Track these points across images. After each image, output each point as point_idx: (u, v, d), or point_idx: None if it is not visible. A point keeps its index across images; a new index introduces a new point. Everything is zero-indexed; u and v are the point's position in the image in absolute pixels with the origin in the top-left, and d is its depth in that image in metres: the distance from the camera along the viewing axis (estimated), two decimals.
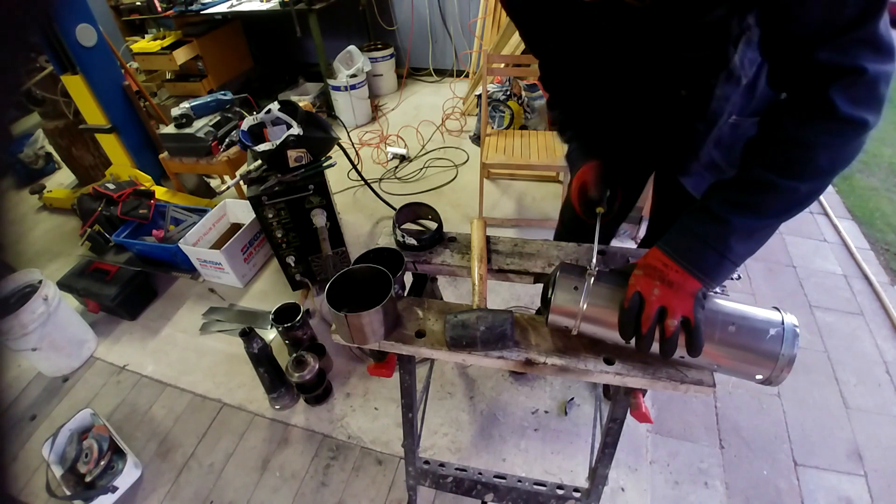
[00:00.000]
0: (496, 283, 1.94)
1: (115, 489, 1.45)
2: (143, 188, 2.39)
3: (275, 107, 1.76)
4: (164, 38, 3.56)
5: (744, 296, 1.96)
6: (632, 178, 1.17)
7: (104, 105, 2.37)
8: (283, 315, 1.71)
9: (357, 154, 2.96)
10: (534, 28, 0.93)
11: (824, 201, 2.52)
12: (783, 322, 0.67)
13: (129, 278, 2.10)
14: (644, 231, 1.54)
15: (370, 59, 3.56)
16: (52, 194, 2.93)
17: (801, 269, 2.13)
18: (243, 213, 2.34)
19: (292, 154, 1.68)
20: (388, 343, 0.83)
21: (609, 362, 0.77)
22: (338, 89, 3.38)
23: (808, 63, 0.58)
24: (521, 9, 0.90)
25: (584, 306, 0.72)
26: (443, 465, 1.22)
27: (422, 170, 2.97)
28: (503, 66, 2.45)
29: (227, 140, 2.27)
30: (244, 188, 1.94)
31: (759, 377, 0.69)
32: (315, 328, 1.85)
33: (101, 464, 1.48)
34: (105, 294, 2.02)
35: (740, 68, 0.76)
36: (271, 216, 1.79)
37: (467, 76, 3.89)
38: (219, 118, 2.33)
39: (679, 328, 0.66)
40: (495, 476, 1.17)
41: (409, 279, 1.05)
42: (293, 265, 1.94)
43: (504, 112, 2.84)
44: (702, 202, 0.69)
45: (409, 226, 1.09)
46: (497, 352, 0.79)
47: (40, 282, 1.77)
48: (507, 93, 2.84)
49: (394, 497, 1.44)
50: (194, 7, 3.50)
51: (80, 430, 1.57)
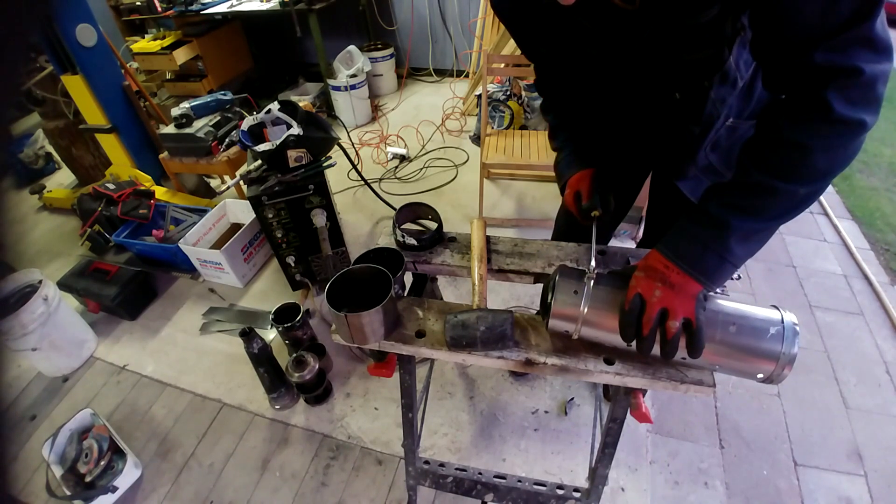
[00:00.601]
0: (496, 283, 1.94)
1: (115, 489, 1.45)
2: (143, 188, 2.39)
3: (275, 107, 1.76)
4: (164, 38, 3.56)
5: (744, 296, 1.96)
6: (628, 179, 1.16)
7: (104, 105, 2.37)
8: (283, 315, 1.71)
9: (357, 154, 2.96)
10: (525, 33, 0.93)
11: (824, 201, 2.52)
12: (783, 321, 0.67)
13: (129, 278, 2.10)
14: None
15: (370, 59, 3.56)
16: (52, 194, 2.93)
17: (801, 269, 2.13)
18: (243, 213, 2.34)
19: (292, 154, 1.68)
20: (388, 343, 0.83)
21: (609, 362, 0.77)
22: (338, 89, 3.38)
23: (804, 64, 0.57)
24: (511, 14, 0.89)
25: (585, 310, 0.71)
26: (443, 465, 1.22)
27: (422, 170, 2.97)
28: (503, 66, 2.45)
29: (227, 140, 2.27)
30: (244, 188, 1.94)
31: (760, 376, 0.69)
32: (315, 328, 1.85)
33: (101, 464, 1.48)
34: (105, 294, 2.02)
35: (735, 70, 0.76)
36: (271, 216, 1.79)
37: (467, 76, 3.89)
38: (219, 118, 2.33)
39: (680, 330, 0.66)
40: (495, 476, 1.17)
41: (409, 279, 1.05)
42: (293, 265, 1.94)
43: (504, 112, 2.84)
44: (701, 205, 0.69)
45: (409, 226, 1.09)
46: (497, 352, 0.79)
47: (40, 282, 1.77)
48: (507, 93, 2.84)
49: (394, 497, 1.44)
50: (194, 7, 3.50)
51: (80, 430, 1.57)
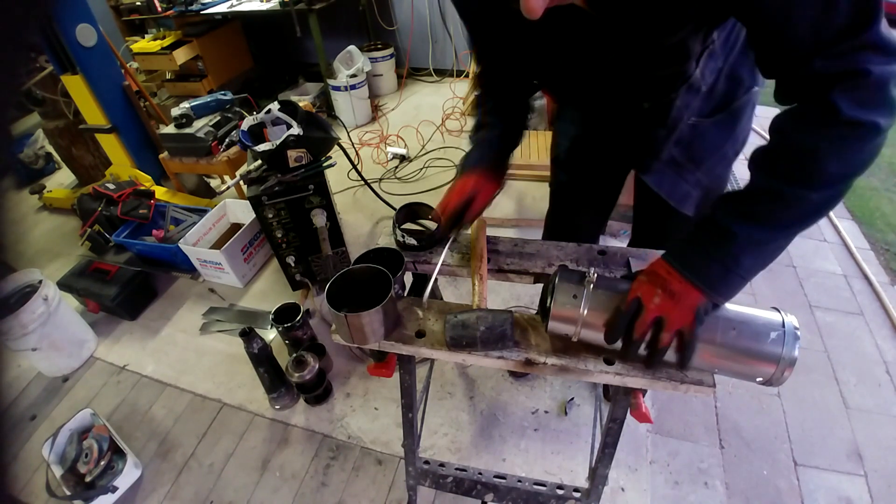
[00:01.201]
0: (496, 283, 1.94)
1: (115, 489, 1.45)
2: (143, 188, 2.39)
3: (275, 107, 1.76)
4: (164, 38, 3.56)
5: (744, 296, 1.95)
6: (602, 178, 1.16)
7: (104, 105, 2.37)
8: (283, 315, 1.71)
9: (357, 154, 2.96)
10: (490, 37, 0.90)
11: None
12: (784, 324, 0.67)
13: (129, 278, 2.10)
14: None
15: (370, 59, 3.55)
16: (52, 194, 2.93)
17: (801, 269, 2.13)
18: (243, 213, 2.33)
19: (292, 154, 1.68)
20: (388, 343, 0.83)
21: (609, 362, 0.77)
22: (338, 89, 3.38)
23: (805, 73, 0.56)
24: (476, 17, 0.87)
25: (585, 313, 0.71)
26: (443, 465, 1.22)
27: (422, 170, 2.97)
28: None
29: (227, 140, 2.27)
30: (244, 188, 1.94)
31: (759, 379, 0.69)
32: (315, 328, 1.85)
33: (101, 464, 1.48)
34: (105, 294, 2.02)
35: (701, 79, 0.78)
36: (271, 216, 1.79)
37: (467, 76, 3.89)
38: (219, 118, 2.32)
39: (672, 341, 0.65)
40: (495, 476, 1.17)
41: (409, 279, 1.05)
42: (293, 265, 1.94)
43: None
44: (709, 213, 0.67)
45: (409, 226, 1.09)
46: (497, 352, 0.79)
47: (40, 282, 1.77)
48: None
49: (394, 497, 1.44)
50: (194, 7, 3.50)
51: (80, 430, 1.57)
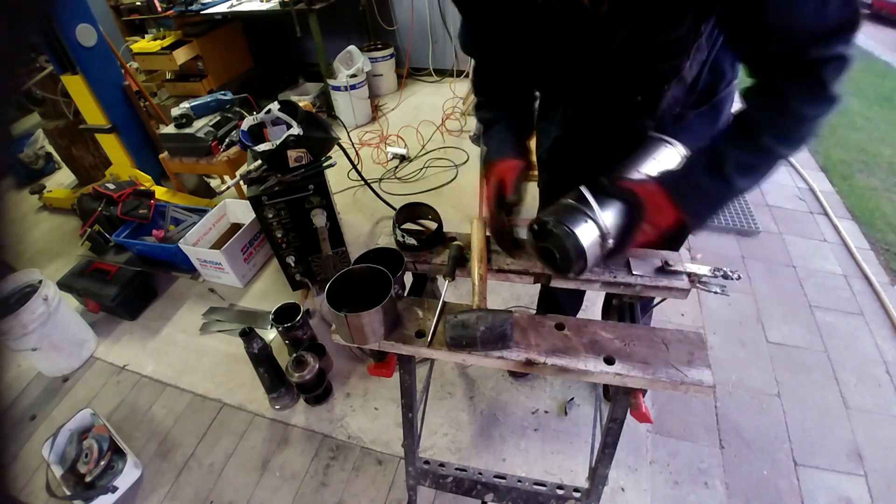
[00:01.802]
0: (496, 283, 1.94)
1: (115, 489, 1.45)
2: (143, 188, 2.39)
3: (275, 107, 1.76)
4: (164, 38, 3.56)
5: (744, 296, 1.96)
6: (589, 176, 1.16)
7: (104, 105, 2.37)
8: (283, 315, 1.71)
9: (357, 154, 2.96)
10: (488, 27, 0.90)
11: (824, 201, 2.52)
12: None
13: (129, 278, 2.10)
14: None
15: (370, 59, 3.55)
16: (52, 194, 2.93)
17: (801, 269, 2.13)
18: (243, 213, 2.34)
19: (292, 154, 1.68)
20: (388, 343, 0.83)
21: (609, 362, 0.77)
22: (338, 89, 3.38)
23: (803, 57, 0.64)
24: (476, 6, 0.87)
25: (608, 220, 0.74)
26: (443, 465, 1.22)
27: (422, 170, 2.97)
28: None
29: (227, 140, 2.27)
30: (244, 188, 1.94)
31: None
32: (315, 328, 1.85)
33: (101, 464, 1.48)
34: (105, 294, 2.02)
35: (689, 71, 0.81)
36: (271, 216, 1.79)
37: (467, 76, 3.89)
38: (219, 118, 2.32)
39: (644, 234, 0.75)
40: (495, 476, 1.17)
41: (409, 279, 1.05)
42: (293, 265, 1.94)
43: None
44: (714, 161, 0.73)
45: (409, 226, 1.09)
46: (497, 352, 0.79)
47: (40, 282, 1.77)
48: None
49: (394, 497, 1.44)
50: (194, 7, 3.50)
51: (80, 430, 1.57)
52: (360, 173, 2.40)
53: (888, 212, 2.48)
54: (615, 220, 0.76)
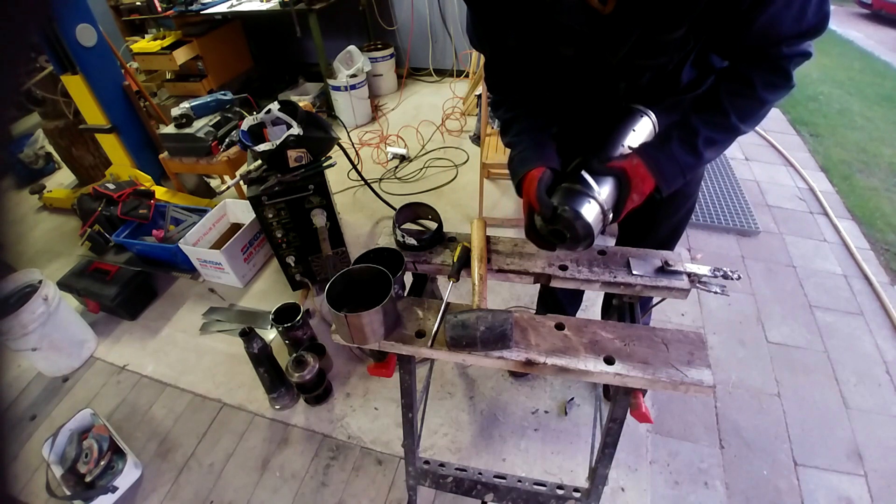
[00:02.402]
0: (496, 283, 1.94)
1: (115, 489, 1.45)
2: (143, 188, 2.39)
3: (275, 107, 1.76)
4: (164, 38, 3.56)
5: (744, 296, 1.96)
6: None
7: (104, 105, 2.38)
8: (283, 315, 1.71)
9: (357, 154, 2.96)
10: (497, 23, 0.90)
11: (824, 201, 2.52)
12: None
13: (129, 278, 2.10)
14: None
15: (370, 59, 3.56)
16: (52, 194, 2.93)
17: (801, 269, 2.13)
18: (243, 213, 2.34)
19: (292, 154, 1.68)
20: (388, 343, 0.83)
21: (609, 362, 0.77)
22: (338, 89, 3.38)
23: (775, 54, 0.75)
24: (486, 2, 0.87)
25: (604, 195, 0.81)
26: (443, 465, 1.22)
27: (422, 170, 2.97)
28: None
29: (227, 140, 2.27)
30: (244, 188, 1.94)
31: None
32: (315, 328, 1.85)
33: (101, 464, 1.48)
34: (105, 294, 2.02)
35: (671, 63, 0.86)
36: (271, 216, 1.79)
37: (467, 76, 3.89)
38: (219, 118, 2.32)
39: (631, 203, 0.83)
40: (495, 476, 1.17)
41: (409, 279, 1.05)
42: (293, 265, 1.94)
43: None
44: (685, 136, 0.84)
45: (409, 226, 1.09)
46: (497, 352, 0.79)
47: (40, 282, 1.77)
48: None
49: (394, 497, 1.44)
50: (194, 7, 3.50)
51: (80, 430, 1.57)
52: (360, 173, 2.40)
53: (888, 212, 2.48)
54: (609, 195, 0.83)
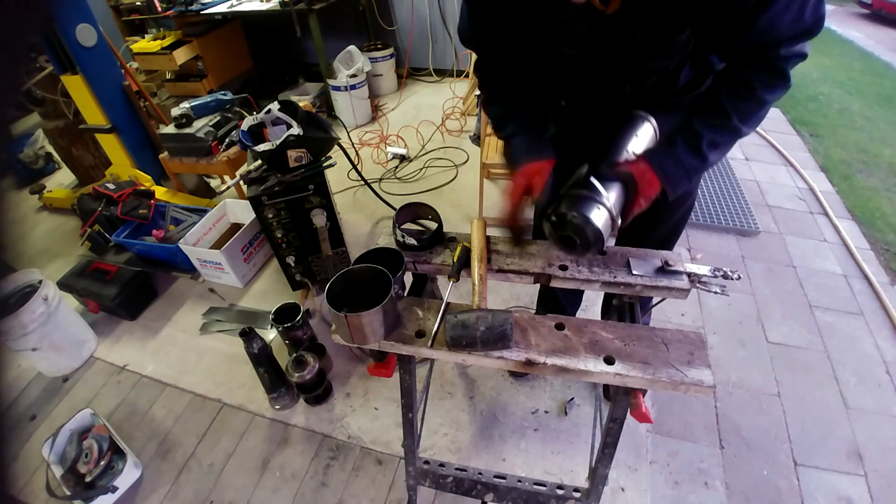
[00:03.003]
0: (496, 283, 1.94)
1: (115, 489, 1.45)
2: (143, 188, 2.39)
3: (275, 107, 1.76)
4: (164, 38, 3.56)
5: (744, 296, 1.96)
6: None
7: (104, 105, 2.37)
8: (283, 315, 1.71)
9: (357, 154, 2.96)
10: (499, 22, 0.89)
11: (824, 201, 2.52)
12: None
13: (129, 278, 2.10)
14: None
15: (370, 59, 3.55)
16: (52, 194, 2.93)
17: (801, 269, 2.13)
18: (243, 213, 2.33)
19: (292, 154, 1.68)
20: (388, 343, 0.83)
21: (609, 362, 0.77)
22: (338, 89, 3.38)
23: (773, 55, 0.76)
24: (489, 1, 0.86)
25: (612, 200, 0.82)
26: (443, 465, 1.22)
27: (422, 170, 2.97)
28: None
29: (227, 140, 2.26)
30: (244, 188, 1.94)
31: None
32: (315, 328, 1.85)
33: (101, 464, 1.48)
34: (105, 294, 2.02)
35: (673, 66, 0.86)
36: (271, 216, 1.79)
37: (467, 76, 3.89)
38: (219, 118, 2.32)
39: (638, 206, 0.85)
40: (495, 476, 1.17)
41: (409, 279, 1.05)
42: (293, 265, 1.94)
43: None
44: (689, 140, 0.85)
45: (409, 226, 1.09)
46: (497, 352, 0.79)
47: (40, 282, 1.77)
48: None
49: (394, 497, 1.44)
50: (194, 7, 3.50)
51: (80, 430, 1.57)
52: (360, 173, 2.40)
53: (888, 212, 2.48)
54: (617, 200, 0.84)
